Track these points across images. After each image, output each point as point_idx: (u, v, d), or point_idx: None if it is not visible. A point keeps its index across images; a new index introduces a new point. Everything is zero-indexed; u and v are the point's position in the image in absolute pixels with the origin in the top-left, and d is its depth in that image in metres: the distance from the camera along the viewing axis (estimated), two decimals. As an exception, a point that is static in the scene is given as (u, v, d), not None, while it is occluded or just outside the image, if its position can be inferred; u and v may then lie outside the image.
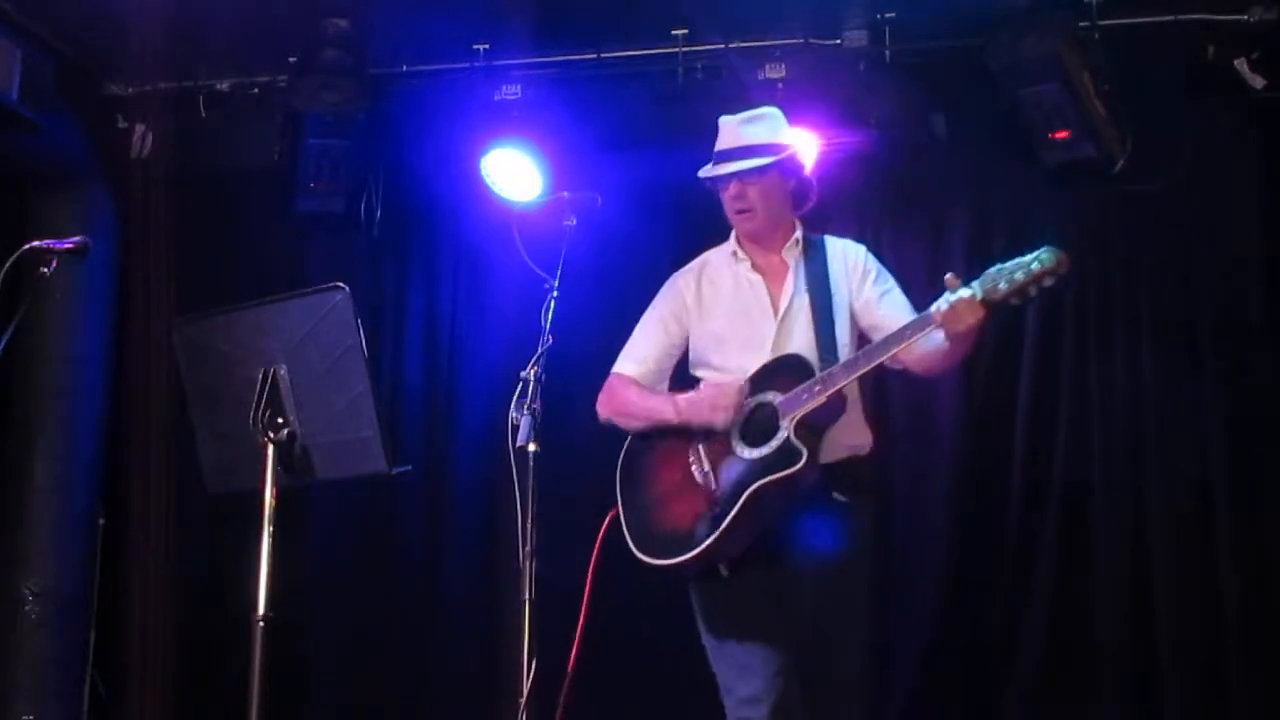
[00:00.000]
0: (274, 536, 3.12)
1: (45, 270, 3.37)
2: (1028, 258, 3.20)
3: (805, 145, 3.61)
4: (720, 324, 3.59)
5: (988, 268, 4.81)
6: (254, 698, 3.02)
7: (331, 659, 5.28)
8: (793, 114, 4.75)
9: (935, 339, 3.35)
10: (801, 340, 3.54)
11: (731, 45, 4.96)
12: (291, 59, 5.07)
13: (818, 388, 3.35)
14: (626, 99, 5.07)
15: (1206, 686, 4.56)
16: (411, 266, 5.59)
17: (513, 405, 3.43)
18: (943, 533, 4.88)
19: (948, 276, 3.30)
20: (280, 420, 3.17)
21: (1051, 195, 4.93)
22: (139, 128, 5.42)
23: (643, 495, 3.57)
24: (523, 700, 3.05)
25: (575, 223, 3.61)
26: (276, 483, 3.16)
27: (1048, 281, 3.18)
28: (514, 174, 5.04)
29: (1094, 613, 4.71)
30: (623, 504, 3.60)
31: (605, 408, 3.73)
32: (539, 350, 3.36)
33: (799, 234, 3.69)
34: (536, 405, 3.27)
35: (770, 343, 3.55)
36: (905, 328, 3.34)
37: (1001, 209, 5.03)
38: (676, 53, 4.98)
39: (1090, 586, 4.73)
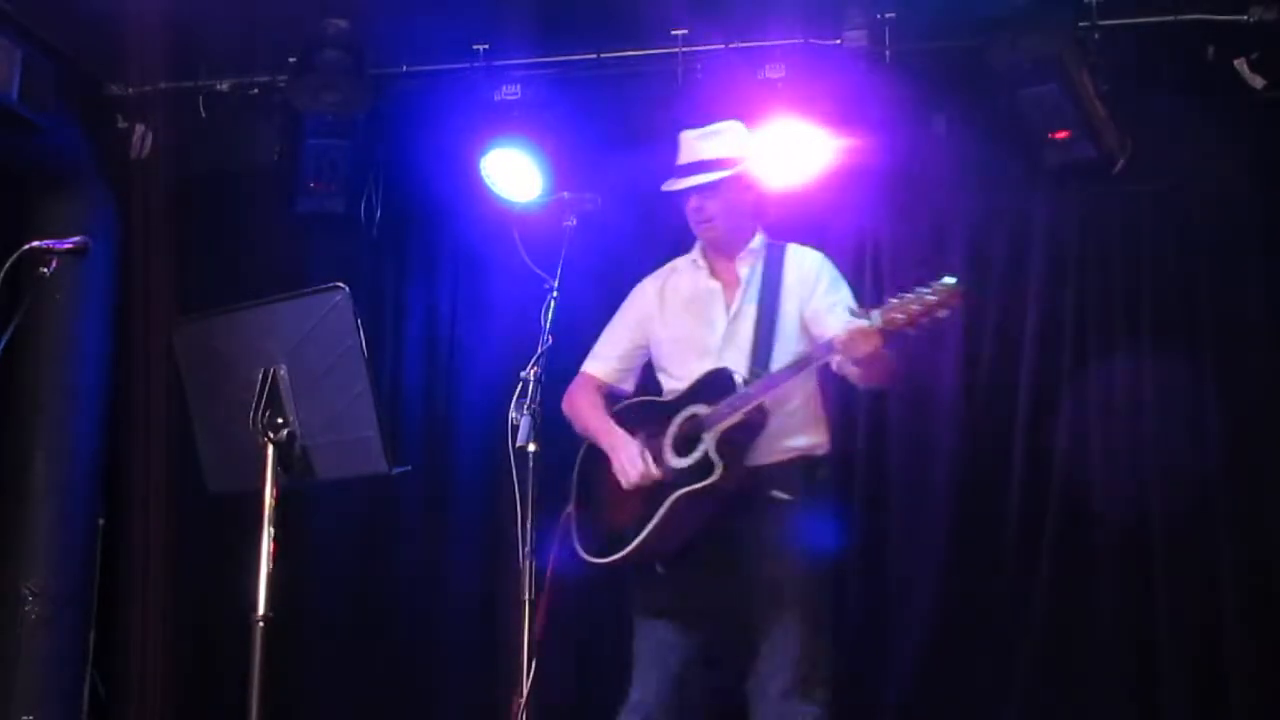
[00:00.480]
0: (274, 536, 3.12)
1: (45, 270, 3.37)
2: (926, 289, 3.28)
3: (766, 157, 3.74)
4: (674, 331, 3.70)
5: (986, 267, 4.83)
6: (254, 698, 3.02)
7: (331, 659, 5.28)
8: (792, 114, 4.79)
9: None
10: (741, 349, 3.62)
11: (731, 45, 4.97)
12: (291, 59, 5.07)
13: (736, 404, 3.46)
14: (626, 99, 5.08)
15: (1206, 686, 4.56)
16: (411, 266, 5.58)
17: (513, 405, 3.44)
18: (943, 532, 4.88)
19: (850, 306, 3.41)
20: (280, 420, 3.17)
21: (1051, 195, 4.94)
22: (139, 128, 5.42)
23: (593, 495, 3.70)
24: (523, 700, 3.06)
25: (575, 223, 3.62)
26: (276, 483, 3.15)
27: (942, 314, 3.27)
28: (514, 174, 5.03)
29: (1094, 612, 4.71)
30: (576, 502, 3.73)
31: (566, 405, 3.86)
32: (539, 350, 3.36)
33: (756, 243, 3.77)
34: (536, 405, 3.27)
35: (715, 350, 3.65)
36: (808, 353, 3.47)
37: (1001, 209, 5.03)
38: (676, 53, 4.98)
39: (1090, 586, 4.73)
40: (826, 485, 3.69)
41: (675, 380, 3.70)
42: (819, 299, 3.66)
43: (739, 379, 3.51)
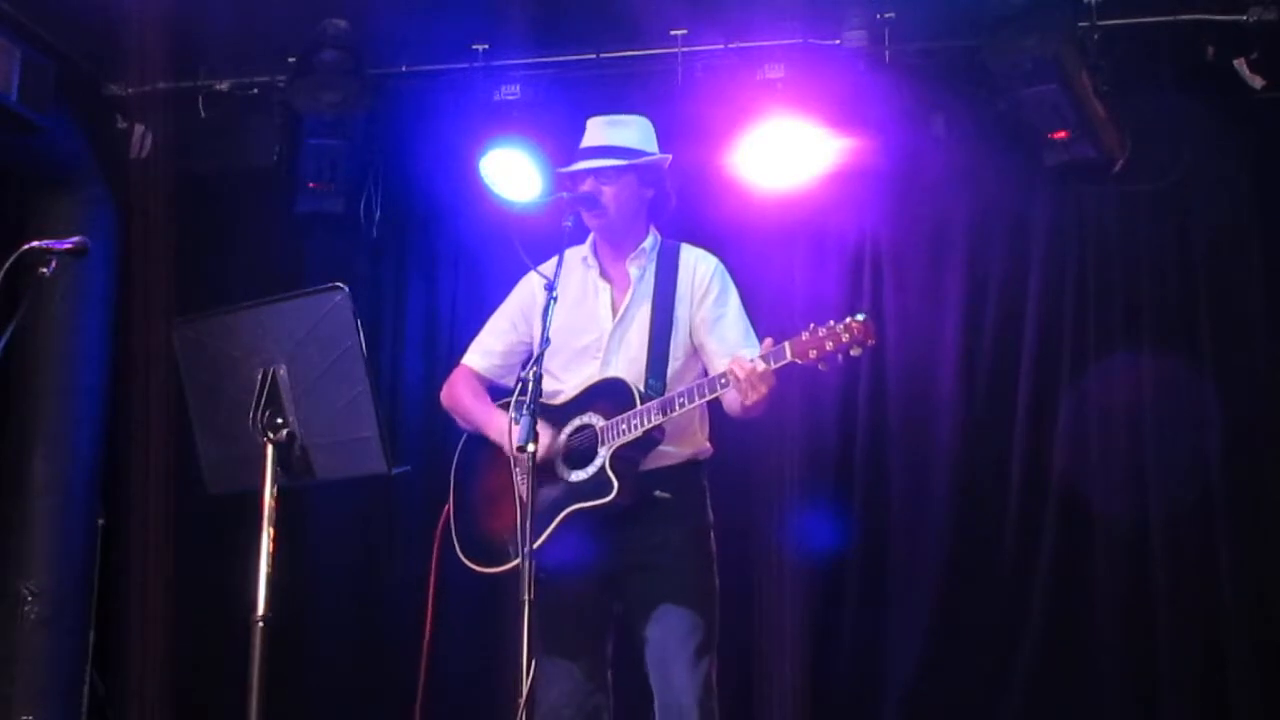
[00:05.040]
0: (274, 536, 3.11)
1: (45, 270, 3.36)
2: (840, 324, 3.22)
3: (667, 160, 3.66)
4: (558, 329, 3.51)
5: (986, 267, 4.79)
6: (254, 698, 3.01)
7: (331, 659, 5.28)
8: (792, 114, 4.79)
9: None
10: (632, 354, 3.57)
11: (731, 45, 4.96)
12: (291, 59, 5.08)
13: (635, 422, 3.41)
14: (626, 99, 5.06)
15: (1206, 686, 4.56)
16: (411, 266, 5.59)
17: (512, 405, 3.43)
18: (942, 533, 4.89)
19: (766, 340, 3.34)
20: (280, 420, 3.16)
21: (1051, 195, 4.94)
22: (139, 128, 5.42)
23: (471, 496, 3.65)
24: (523, 700, 3.05)
25: (573, 224, 3.61)
26: (276, 483, 3.15)
27: (854, 352, 3.22)
28: (513, 174, 5.03)
29: (1094, 612, 4.71)
30: (454, 503, 3.67)
31: (445, 398, 3.81)
32: (538, 350, 3.35)
33: (647, 243, 3.69)
34: (536, 405, 3.26)
35: (602, 352, 3.60)
36: (700, 386, 3.40)
37: (1001, 209, 5.03)
38: (676, 53, 4.98)
39: (1090, 586, 4.73)
40: (704, 485, 3.63)
41: (556, 381, 3.59)
42: (707, 309, 3.60)
43: (637, 393, 3.46)
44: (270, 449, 3.16)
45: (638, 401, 3.44)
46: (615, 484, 3.40)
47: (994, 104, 4.71)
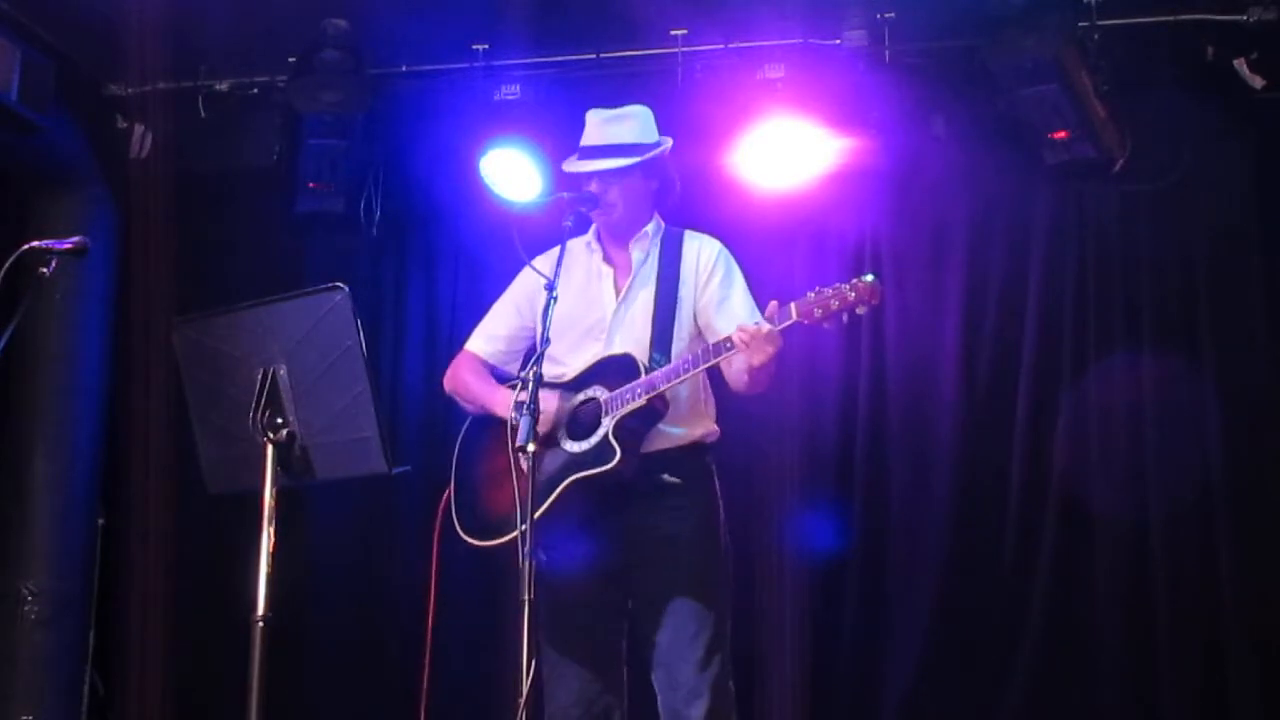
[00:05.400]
0: (274, 536, 3.11)
1: (45, 270, 3.36)
2: (846, 285, 3.24)
3: (668, 147, 3.67)
4: (562, 313, 3.50)
5: (986, 267, 4.79)
6: (253, 698, 3.02)
7: (331, 659, 5.28)
8: (792, 114, 4.80)
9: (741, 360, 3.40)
10: (637, 333, 3.58)
11: (731, 45, 4.97)
12: (291, 59, 5.08)
13: (640, 391, 3.42)
14: (626, 99, 5.06)
15: (1207, 687, 4.57)
16: (411, 266, 5.59)
17: (512, 405, 3.43)
18: (942, 533, 4.89)
19: (772, 302, 3.35)
20: (280, 420, 3.17)
21: (1051, 195, 4.94)
22: (139, 128, 5.42)
23: (474, 474, 3.64)
24: (523, 700, 3.05)
25: (574, 222, 3.61)
26: (276, 483, 3.15)
27: (860, 310, 3.25)
28: (513, 174, 5.04)
29: (1094, 612, 4.72)
30: (456, 482, 3.68)
31: (448, 383, 3.81)
32: (539, 350, 3.36)
33: (650, 227, 3.70)
34: (536, 405, 3.26)
35: (606, 332, 3.61)
36: (705, 350, 3.42)
37: (1001, 209, 5.04)
38: (676, 53, 4.98)
39: (1090, 586, 4.73)
40: (712, 469, 3.62)
41: (559, 365, 3.59)
42: (713, 291, 3.61)
43: (642, 366, 3.46)
44: (270, 449, 3.17)
45: (643, 373, 3.44)
46: (618, 451, 3.39)
47: (994, 104, 4.71)
